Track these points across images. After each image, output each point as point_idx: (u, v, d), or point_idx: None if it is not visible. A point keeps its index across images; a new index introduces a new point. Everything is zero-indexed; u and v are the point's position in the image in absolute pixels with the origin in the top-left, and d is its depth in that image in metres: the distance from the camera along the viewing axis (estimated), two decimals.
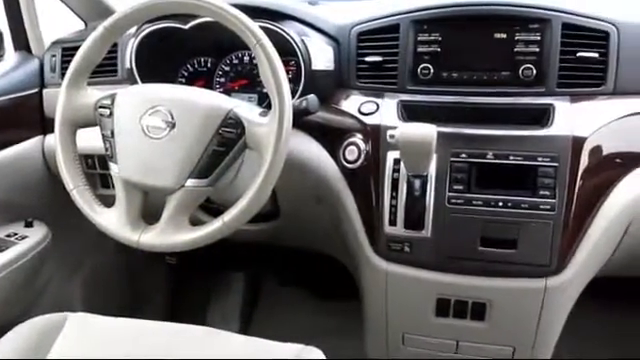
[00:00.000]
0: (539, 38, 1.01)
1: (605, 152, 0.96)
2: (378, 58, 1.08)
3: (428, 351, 1.12)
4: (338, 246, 1.18)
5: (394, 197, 0.99)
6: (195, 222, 0.93)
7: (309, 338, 0.93)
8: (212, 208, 1.17)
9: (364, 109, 1.05)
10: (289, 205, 1.19)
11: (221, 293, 1.75)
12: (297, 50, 1.06)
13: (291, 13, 1.11)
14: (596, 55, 0.99)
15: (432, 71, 1.05)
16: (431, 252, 0.99)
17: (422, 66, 1.05)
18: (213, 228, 0.88)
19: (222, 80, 1.23)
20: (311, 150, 1.08)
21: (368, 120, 1.04)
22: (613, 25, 1.00)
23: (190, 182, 0.89)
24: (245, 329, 1.73)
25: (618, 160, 0.97)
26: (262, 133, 0.87)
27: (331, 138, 1.08)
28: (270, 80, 0.86)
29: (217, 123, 0.88)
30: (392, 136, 0.98)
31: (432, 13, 1.05)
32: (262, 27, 0.90)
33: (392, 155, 1.00)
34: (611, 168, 0.97)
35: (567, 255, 0.96)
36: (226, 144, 0.89)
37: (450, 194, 0.97)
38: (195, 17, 1.10)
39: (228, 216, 0.87)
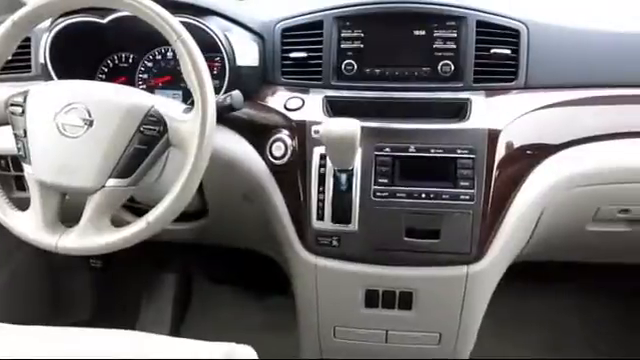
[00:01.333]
0: (456, 35, 1.05)
1: (518, 144, 1.01)
2: (303, 54, 1.08)
3: (359, 342, 1.14)
4: (268, 242, 1.18)
5: (321, 192, 1.01)
6: (120, 223, 0.90)
7: (243, 336, 0.92)
8: (138, 208, 1.13)
9: (290, 105, 1.06)
10: (217, 203, 1.17)
11: (151, 295, 1.70)
12: (221, 46, 1.05)
13: (213, 8, 1.09)
14: (508, 52, 1.05)
15: (356, 67, 1.07)
16: (358, 245, 1.01)
17: (346, 62, 1.07)
18: (136, 229, 0.86)
19: (145, 76, 1.20)
20: (237, 147, 1.08)
21: (294, 116, 1.04)
22: (523, 24, 1.05)
23: (111, 182, 0.86)
24: (177, 331, 1.70)
25: (530, 151, 1.03)
26: (185, 130, 0.86)
27: (257, 134, 1.08)
28: (192, 76, 0.85)
29: (138, 120, 0.86)
30: (317, 131, 0.99)
31: (354, 10, 1.07)
32: (183, 22, 0.88)
33: (318, 150, 1.01)
34: (524, 159, 1.02)
35: (486, 243, 1.01)
36: (148, 142, 0.87)
37: (375, 187, 0.99)
38: (114, 11, 1.06)
39: (152, 216, 0.85)
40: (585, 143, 1.05)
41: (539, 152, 1.03)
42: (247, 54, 1.08)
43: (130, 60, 1.21)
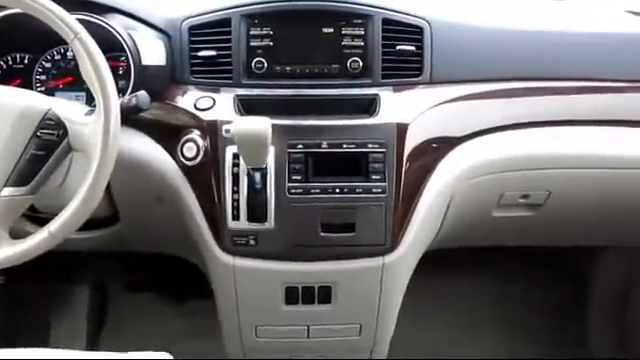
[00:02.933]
0: (363, 32, 1.07)
1: (425, 137, 1.05)
2: (211, 52, 1.07)
3: (281, 340, 1.14)
4: (185, 246, 1.16)
5: (236, 191, 1.00)
6: (22, 235, 0.84)
7: (165, 344, 0.90)
8: (42, 218, 1.07)
9: (200, 105, 1.04)
10: (128, 208, 1.13)
11: (62, 310, 1.62)
12: (124, 45, 1.01)
13: (115, 5, 1.05)
14: (413, 48, 1.08)
15: (266, 65, 1.07)
16: (275, 243, 1.01)
17: (256, 60, 1.06)
18: (37, 240, 0.81)
19: (43, 78, 1.13)
20: (146, 148, 1.04)
21: (204, 116, 1.03)
22: (426, 21, 1.09)
23: (6, 191, 0.81)
24: (94, 344, 1.63)
25: (437, 144, 1.07)
26: (87, 133, 0.82)
27: (168, 135, 1.05)
28: (92, 77, 0.81)
29: (34, 125, 0.81)
30: (228, 131, 0.97)
31: (262, 8, 1.06)
32: (82, 20, 0.85)
33: (231, 150, 1.00)
34: (431, 151, 1.07)
35: (399, 233, 1.04)
36: (46, 147, 0.82)
37: (289, 185, 1.00)
38: (3, 8, 0.99)
39: (54, 225, 0.81)
40: (487, 134, 1.10)
41: (445, 144, 1.08)
42: (153, 53, 1.04)
43: (25, 61, 1.13)
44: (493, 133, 1.11)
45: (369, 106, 1.05)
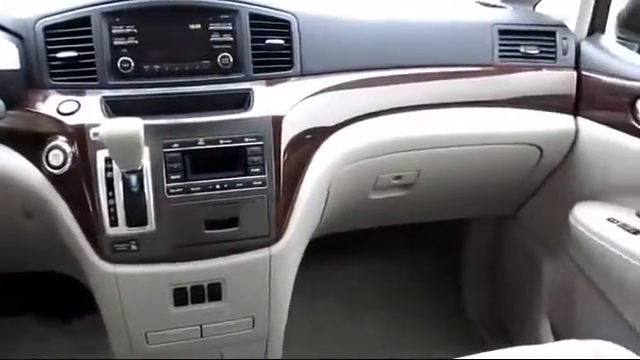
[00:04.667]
0: (231, 28, 1.07)
1: (301, 128, 1.08)
2: (72, 53, 1.01)
3: (174, 343, 1.12)
4: (63, 260, 1.10)
5: (111, 197, 0.96)
6: None
7: None
8: None
9: (63, 109, 0.98)
10: None
11: None
12: None
13: None
14: (282, 42, 1.10)
15: (133, 64, 1.03)
16: (159, 245, 0.99)
17: (121, 59, 1.03)
18: None
19: None
20: (7, 161, 0.97)
21: (69, 120, 0.97)
22: (293, 15, 1.12)
23: None
24: None
25: (312, 134, 1.10)
26: None
27: (30, 144, 0.98)
28: None
29: None
30: (96, 134, 0.94)
31: (123, 5, 1.02)
32: None
33: (102, 154, 0.96)
34: (308, 141, 1.10)
35: (283, 223, 1.06)
36: None
37: (168, 185, 0.98)
38: None
39: None
40: (359, 121, 1.16)
41: (320, 133, 1.12)
42: (4, 57, 0.96)
43: None
44: (365, 120, 1.17)
45: (243, 101, 1.06)
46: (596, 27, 1.34)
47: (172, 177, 0.98)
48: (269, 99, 1.06)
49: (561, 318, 1.48)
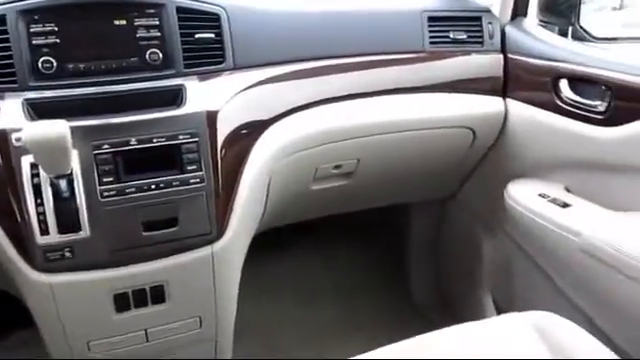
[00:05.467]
0: (158, 23, 1.04)
1: (237, 122, 1.07)
2: None
3: (118, 350, 1.09)
4: None
5: (40, 204, 0.91)
6: None
7: None
8: None
9: None
10: None
11: None
12: None
13: None
14: (212, 35, 1.08)
15: (55, 64, 0.99)
16: (95, 251, 0.95)
17: (43, 59, 0.98)
18: None
19: None
20: None
21: None
22: (222, 8, 1.10)
23: None
24: None
25: (248, 128, 1.09)
26: None
27: None
28: None
29: None
30: (18, 139, 0.89)
31: (39, 2, 0.97)
32: None
33: (27, 159, 0.91)
34: (245, 136, 1.09)
35: (224, 220, 1.04)
36: None
37: (101, 188, 0.94)
38: None
39: None
40: (295, 113, 1.16)
41: (256, 127, 1.11)
42: None
43: None
44: (301, 111, 1.17)
45: (176, 97, 1.03)
46: (519, 12, 1.39)
47: (104, 180, 0.95)
48: (202, 94, 1.04)
49: (503, 294, 1.54)
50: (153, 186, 0.97)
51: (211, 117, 1.02)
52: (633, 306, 1.03)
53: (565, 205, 1.21)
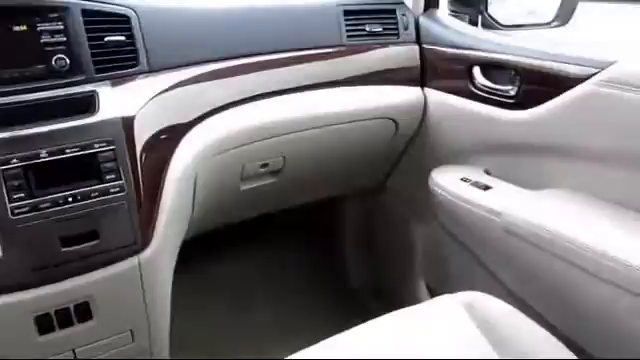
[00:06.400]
0: (63, 27, 0.99)
1: (155, 127, 1.03)
2: None
3: None
4: None
5: None
6: None
7: None
8: None
9: None
10: None
11: None
12: None
13: None
14: (123, 38, 1.04)
15: None
16: (10, 272, 0.89)
17: None
18: None
19: None
20: None
21: None
22: (131, 9, 1.06)
23: None
24: None
25: (168, 132, 1.06)
26: None
27: None
28: None
29: None
30: None
31: None
32: None
33: None
34: (165, 141, 1.05)
35: (149, 228, 1.01)
36: None
37: (12, 205, 0.89)
38: None
39: None
40: (217, 113, 1.14)
41: (177, 131, 1.08)
42: None
43: None
44: (221, 112, 1.15)
45: (88, 105, 0.99)
46: (431, 3, 1.43)
47: (15, 196, 0.89)
48: (117, 100, 1.00)
49: (436, 277, 1.59)
50: (70, 199, 0.93)
51: (127, 123, 0.98)
52: (552, 279, 1.08)
53: (486, 188, 1.26)
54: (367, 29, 1.33)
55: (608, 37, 1.49)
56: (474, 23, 1.41)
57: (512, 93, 1.21)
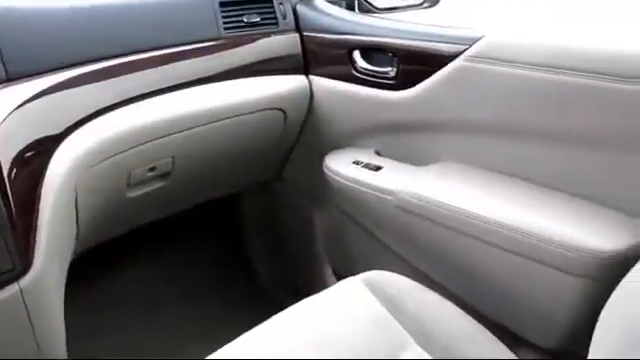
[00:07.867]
0: None
1: (22, 142, 0.94)
2: None
3: None
4: None
5: None
6: None
7: None
8: None
9: None
10: None
11: None
12: None
13: None
14: None
15: None
16: None
17: None
18: None
19: None
20: None
21: None
22: None
23: None
24: None
25: (38, 146, 0.97)
26: None
27: None
28: None
29: None
30: None
31: None
32: None
33: None
34: (35, 156, 0.96)
35: (28, 250, 0.92)
36: None
37: None
38: None
39: None
40: (90, 121, 1.06)
41: (49, 143, 0.99)
42: None
43: None
44: (97, 117, 1.07)
45: None
46: None
47: None
48: None
49: (341, 262, 1.61)
50: None
51: None
52: (445, 249, 1.14)
53: (377, 168, 1.29)
54: (245, 20, 1.31)
55: (476, 13, 1.57)
56: (351, 8, 1.42)
57: (392, 74, 1.24)
